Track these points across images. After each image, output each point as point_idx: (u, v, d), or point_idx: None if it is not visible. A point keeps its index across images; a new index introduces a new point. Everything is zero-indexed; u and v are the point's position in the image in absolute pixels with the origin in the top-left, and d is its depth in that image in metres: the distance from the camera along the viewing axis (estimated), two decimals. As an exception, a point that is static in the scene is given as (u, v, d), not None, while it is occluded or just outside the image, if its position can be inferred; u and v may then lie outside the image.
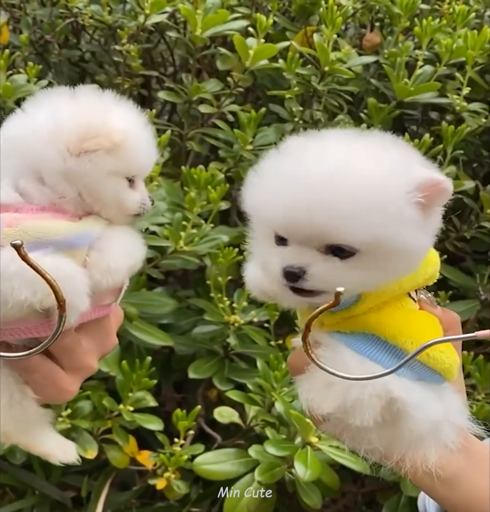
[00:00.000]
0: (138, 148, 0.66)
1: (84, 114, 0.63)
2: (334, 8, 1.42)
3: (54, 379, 0.65)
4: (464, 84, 1.52)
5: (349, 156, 0.55)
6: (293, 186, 0.55)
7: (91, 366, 0.67)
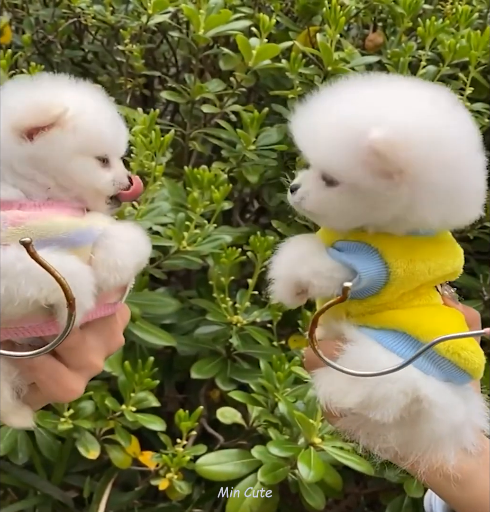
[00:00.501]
0: (100, 125, 0.64)
1: (34, 96, 0.61)
2: (337, 8, 1.41)
3: (58, 378, 0.64)
4: (467, 84, 1.52)
5: (341, 102, 0.60)
6: (306, 122, 0.61)
7: (97, 365, 0.66)
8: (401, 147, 0.54)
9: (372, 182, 0.56)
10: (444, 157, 0.56)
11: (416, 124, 0.55)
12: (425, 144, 0.55)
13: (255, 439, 1.32)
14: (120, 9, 1.71)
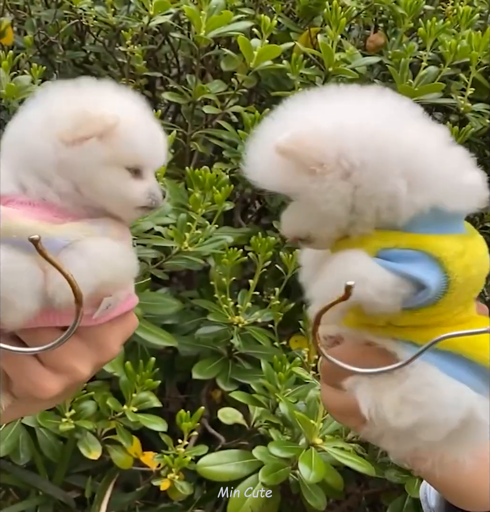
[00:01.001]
0: (135, 135, 0.61)
1: (77, 102, 0.60)
2: (338, 9, 1.42)
3: (30, 373, 0.63)
4: (468, 84, 1.52)
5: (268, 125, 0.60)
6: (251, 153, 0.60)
7: (79, 370, 0.64)
8: (307, 140, 0.55)
9: (297, 182, 0.56)
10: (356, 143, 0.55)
11: (319, 120, 0.56)
12: (332, 132, 0.55)
13: (256, 439, 1.32)
14: (121, 10, 1.71)
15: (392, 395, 0.57)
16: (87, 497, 1.40)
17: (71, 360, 0.63)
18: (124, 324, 0.68)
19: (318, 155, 0.54)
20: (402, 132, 0.56)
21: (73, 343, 0.63)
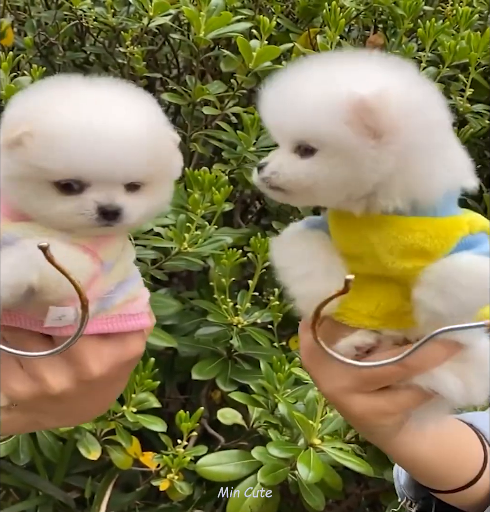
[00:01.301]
0: (61, 144, 0.53)
1: (27, 102, 0.57)
2: (337, 10, 1.42)
3: (5, 369, 0.62)
4: (467, 85, 1.52)
5: (313, 72, 0.58)
6: (278, 95, 0.60)
7: (47, 381, 0.61)
8: (392, 106, 0.52)
9: (358, 142, 0.53)
10: (428, 120, 0.55)
11: (401, 87, 0.54)
12: (413, 105, 0.54)
13: (256, 440, 1.33)
14: (121, 11, 1.71)
15: (475, 376, 0.59)
16: (87, 498, 1.40)
17: (43, 369, 0.61)
18: (117, 346, 0.63)
19: (394, 123, 0.53)
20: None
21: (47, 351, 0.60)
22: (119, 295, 0.63)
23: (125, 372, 0.67)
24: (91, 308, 0.57)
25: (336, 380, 0.62)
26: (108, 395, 0.69)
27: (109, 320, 0.62)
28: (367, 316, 0.58)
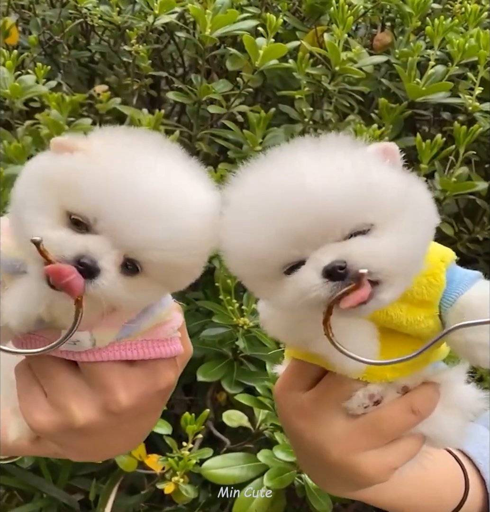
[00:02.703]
0: (87, 178, 0.50)
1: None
2: (345, 8, 1.40)
3: (28, 396, 0.59)
4: (476, 84, 1.50)
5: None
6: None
7: (71, 409, 0.57)
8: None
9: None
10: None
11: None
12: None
13: (262, 442, 1.31)
14: (126, 9, 1.70)
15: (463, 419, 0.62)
16: (91, 500, 1.39)
17: (68, 398, 0.58)
18: (145, 374, 0.59)
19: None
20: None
21: (73, 381, 0.58)
22: (145, 320, 0.60)
23: (155, 404, 0.62)
24: (112, 334, 0.56)
25: (345, 441, 0.59)
26: (137, 430, 0.65)
27: (134, 346, 0.59)
28: (390, 369, 0.59)
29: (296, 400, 0.62)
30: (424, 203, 0.55)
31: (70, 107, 1.36)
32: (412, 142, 1.50)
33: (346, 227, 0.51)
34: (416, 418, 0.59)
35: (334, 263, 0.50)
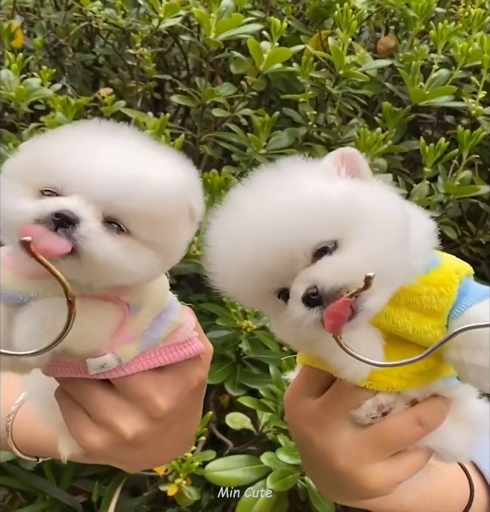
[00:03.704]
0: (45, 152, 0.54)
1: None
2: (349, 12, 1.41)
3: (75, 420, 0.61)
4: (480, 87, 1.51)
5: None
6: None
7: (118, 426, 0.59)
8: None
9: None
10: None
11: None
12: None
13: (264, 444, 1.31)
14: (131, 12, 1.71)
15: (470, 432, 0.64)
16: (94, 502, 1.39)
17: (111, 415, 0.60)
18: (176, 376, 0.62)
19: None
20: None
21: (111, 398, 0.60)
22: (162, 328, 0.62)
23: (193, 403, 0.65)
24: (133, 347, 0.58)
25: (351, 450, 0.59)
26: (183, 432, 0.67)
27: (158, 353, 0.61)
28: (396, 377, 0.59)
29: (305, 406, 0.62)
30: (388, 208, 0.54)
31: (75, 110, 1.37)
32: (416, 146, 1.50)
33: (307, 251, 0.52)
34: (423, 430, 0.59)
35: (307, 291, 0.51)
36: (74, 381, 0.60)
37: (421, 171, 1.45)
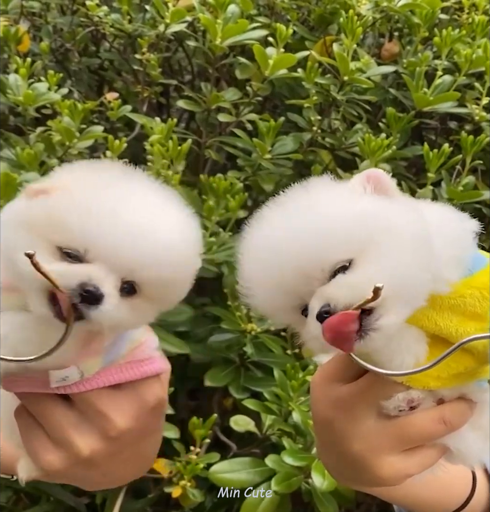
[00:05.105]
0: (76, 212, 0.53)
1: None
2: (354, 18, 1.42)
3: (33, 440, 0.60)
4: (483, 93, 1.52)
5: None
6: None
7: (75, 444, 0.59)
8: None
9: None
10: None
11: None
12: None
13: (268, 447, 1.32)
14: (137, 18, 1.72)
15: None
16: (98, 503, 1.40)
17: (69, 433, 0.59)
18: (134, 394, 0.61)
19: None
20: None
21: (69, 415, 0.59)
22: (124, 344, 0.62)
23: (152, 422, 0.64)
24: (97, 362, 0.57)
25: (370, 438, 0.60)
26: (142, 452, 0.66)
27: (119, 370, 0.61)
28: (435, 377, 0.59)
29: (333, 390, 0.63)
30: (407, 227, 0.55)
31: (82, 114, 1.38)
32: (420, 151, 1.51)
33: (324, 270, 0.54)
34: (445, 429, 0.59)
35: (321, 309, 0.53)
36: (34, 396, 0.59)
37: (424, 177, 1.46)
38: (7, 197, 1.13)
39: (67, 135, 1.36)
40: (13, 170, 1.29)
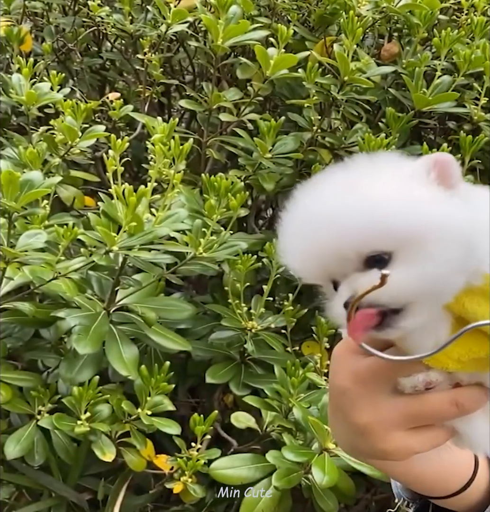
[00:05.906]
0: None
1: None
2: (355, 19, 1.43)
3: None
4: (482, 94, 1.53)
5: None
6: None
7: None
8: None
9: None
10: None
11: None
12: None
13: (268, 444, 1.33)
14: (139, 18, 1.73)
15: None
16: (99, 499, 1.41)
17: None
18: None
19: None
20: None
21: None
22: None
23: None
24: None
25: (380, 412, 0.60)
26: None
27: None
28: (455, 360, 0.57)
29: (353, 362, 0.62)
30: (461, 227, 0.51)
31: (84, 113, 1.39)
32: (419, 151, 1.52)
33: (360, 256, 0.52)
34: (458, 411, 0.59)
35: (348, 299, 0.52)
36: None
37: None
38: (9, 195, 1.14)
39: (70, 134, 1.37)
40: (16, 169, 1.29)
